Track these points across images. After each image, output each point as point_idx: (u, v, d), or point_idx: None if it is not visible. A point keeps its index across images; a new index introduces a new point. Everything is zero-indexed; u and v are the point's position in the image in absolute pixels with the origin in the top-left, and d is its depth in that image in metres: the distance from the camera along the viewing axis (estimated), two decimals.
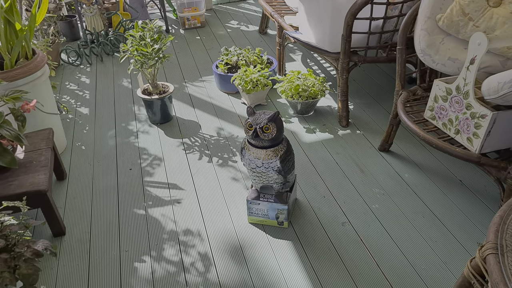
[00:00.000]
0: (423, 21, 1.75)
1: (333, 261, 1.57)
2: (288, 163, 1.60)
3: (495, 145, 1.49)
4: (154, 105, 2.34)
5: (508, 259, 0.86)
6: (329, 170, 2.02)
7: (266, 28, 3.55)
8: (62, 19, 3.52)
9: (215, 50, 3.30)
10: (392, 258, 1.57)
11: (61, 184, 2.01)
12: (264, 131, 1.50)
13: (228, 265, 1.58)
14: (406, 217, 1.74)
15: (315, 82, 2.33)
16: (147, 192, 1.94)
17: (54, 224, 1.67)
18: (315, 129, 2.32)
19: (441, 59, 1.72)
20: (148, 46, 2.16)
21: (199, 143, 2.25)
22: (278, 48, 2.78)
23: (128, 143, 2.28)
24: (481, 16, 1.65)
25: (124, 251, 1.65)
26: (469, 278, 0.94)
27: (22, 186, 1.59)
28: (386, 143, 2.07)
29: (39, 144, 1.83)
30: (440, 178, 1.93)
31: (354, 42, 2.15)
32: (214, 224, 1.75)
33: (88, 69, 3.11)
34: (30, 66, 1.94)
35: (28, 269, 1.26)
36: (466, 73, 1.48)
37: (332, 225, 1.73)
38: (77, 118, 2.53)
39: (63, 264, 1.61)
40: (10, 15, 1.94)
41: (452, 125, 1.59)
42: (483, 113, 1.44)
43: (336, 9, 2.12)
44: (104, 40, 3.31)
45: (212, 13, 4.06)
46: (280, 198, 1.66)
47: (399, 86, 1.89)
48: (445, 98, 1.60)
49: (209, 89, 2.76)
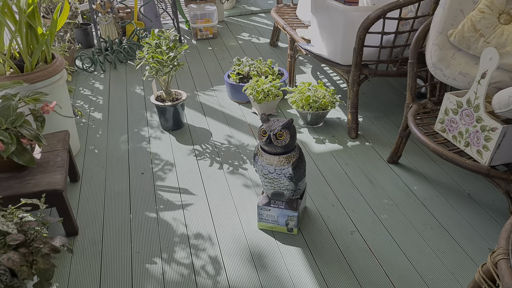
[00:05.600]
0: (435, 36, 1.79)
1: (342, 269, 1.59)
2: (300, 170, 1.63)
3: (504, 158, 1.52)
4: (167, 112, 2.39)
5: None
6: (338, 180, 2.05)
7: (277, 41, 3.61)
8: (78, 26, 3.60)
9: (226, 60, 3.36)
10: (400, 267, 1.59)
11: (74, 186, 2.05)
12: (278, 137, 1.53)
13: (238, 269, 1.60)
14: (415, 228, 1.76)
15: (325, 94, 2.38)
16: (159, 196, 1.97)
17: (68, 223, 1.70)
18: (325, 139, 2.35)
19: (452, 74, 1.76)
20: (163, 53, 2.22)
21: (210, 150, 2.28)
22: (289, 60, 2.83)
23: (140, 148, 2.32)
24: (492, 33, 1.69)
25: (135, 253, 1.67)
26: (480, 283, 0.96)
27: (39, 185, 1.62)
28: (395, 155, 2.10)
29: (56, 145, 1.87)
30: (448, 191, 1.95)
31: (366, 56, 2.19)
32: (225, 229, 1.78)
33: (101, 76, 3.17)
34: (49, 69, 1.99)
35: (45, 264, 1.29)
36: (477, 87, 1.52)
37: (341, 233, 1.75)
38: (91, 123, 2.57)
39: (75, 263, 1.64)
40: (32, 20, 2.00)
41: (462, 137, 1.62)
42: (493, 126, 1.47)
43: (349, 23, 2.17)
44: (118, 48, 3.38)
45: (224, 25, 4.14)
46: (291, 205, 1.69)
47: (410, 99, 1.92)
48: (456, 111, 1.63)
49: (220, 98, 2.81)
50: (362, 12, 2.11)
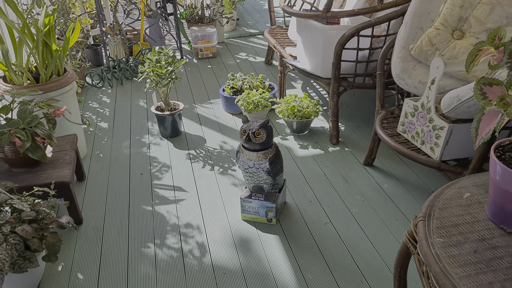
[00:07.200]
0: (399, 50, 2.04)
1: (315, 254, 1.79)
2: (277, 166, 1.85)
3: (453, 154, 1.73)
4: (165, 121, 2.64)
5: (432, 223, 1.10)
6: (318, 180, 2.26)
7: (271, 59, 3.89)
8: (89, 47, 3.92)
9: (224, 77, 3.63)
10: (366, 254, 1.79)
11: (81, 184, 2.29)
12: (256, 136, 1.77)
13: (221, 253, 1.81)
14: (382, 219, 1.96)
15: (309, 104, 2.62)
16: (155, 193, 2.20)
17: (73, 212, 1.93)
18: (308, 145, 2.58)
19: (413, 83, 1.99)
20: (162, 68, 2.49)
21: (204, 155, 2.52)
22: (280, 75, 3.09)
23: (141, 153, 2.57)
24: (446, 47, 1.93)
25: (132, 238, 1.90)
26: (406, 243, 1.17)
27: (50, 178, 1.87)
28: (369, 157, 2.32)
29: (65, 146, 2.12)
30: (415, 188, 2.16)
31: (343, 69, 2.44)
32: (212, 220, 2.00)
33: (109, 91, 3.46)
34: (61, 81, 2.27)
35: (53, 239, 1.52)
36: (428, 92, 1.75)
37: (316, 224, 1.96)
38: (97, 131, 2.83)
39: (79, 246, 1.86)
40: (48, 38, 2.29)
41: (419, 137, 1.84)
42: (441, 125, 1.69)
43: (328, 40, 2.42)
44: (124, 66, 3.68)
45: (224, 46, 4.44)
46: (270, 197, 1.91)
47: (379, 106, 2.16)
48: (413, 114, 1.86)
49: (216, 110, 3.06)
50: (338, 31, 2.37)
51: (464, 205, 1.16)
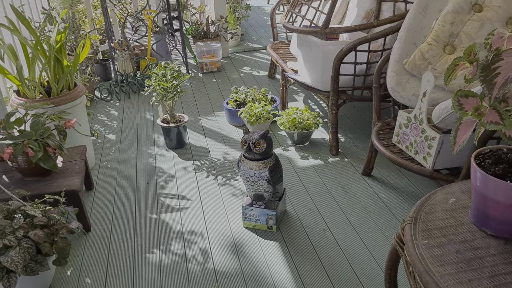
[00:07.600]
0: (393, 64, 2.13)
1: (313, 261, 1.86)
2: (276, 175, 1.93)
3: (445, 163, 1.81)
4: (171, 132, 2.74)
5: (418, 226, 1.17)
6: (317, 189, 2.34)
7: (274, 73, 3.99)
8: (98, 62, 4.05)
9: (228, 90, 3.74)
10: (363, 261, 1.85)
11: (89, 193, 2.38)
12: (256, 146, 1.86)
13: (223, 258, 1.88)
14: (379, 228, 2.03)
15: (309, 116, 2.71)
16: (160, 201, 2.29)
17: (82, 219, 2.02)
18: (309, 156, 2.66)
19: (407, 95, 2.07)
20: (168, 82, 2.59)
21: (207, 165, 2.61)
22: (281, 89, 3.19)
23: (147, 163, 2.66)
24: (438, 61, 2.02)
25: (138, 245, 1.98)
26: (395, 245, 1.24)
27: (60, 186, 1.96)
28: (367, 167, 2.39)
29: (75, 157, 2.22)
30: (413, 198, 2.22)
31: (342, 83, 2.53)
32: (215, 228, 2.07)
33: (117, 104, 3.57)
34: (72, 94, 2.38)
35: (63, 243, 1.60)
36: (420, 104, 1.83)
37: (315, 231, 2.03)
38: (105, 143, 2.94)
39: (87, 252, 1.95)
40: (59, 54, 2.41)
41: (412, 147, 1.91)
42: (433, 135, 1.77)
43: (327, 55, 2.52)
44: (132, 80, 3.80)
45: (228, 60, 4.56)
46: (270, 205, 1.99)
47: (375, 117, 2.24)
48: (407, 125, 1.94)
49: (220, 122, 3.16)
50: (337, 46, 2.47)
51: (449, 209, 1.23)
